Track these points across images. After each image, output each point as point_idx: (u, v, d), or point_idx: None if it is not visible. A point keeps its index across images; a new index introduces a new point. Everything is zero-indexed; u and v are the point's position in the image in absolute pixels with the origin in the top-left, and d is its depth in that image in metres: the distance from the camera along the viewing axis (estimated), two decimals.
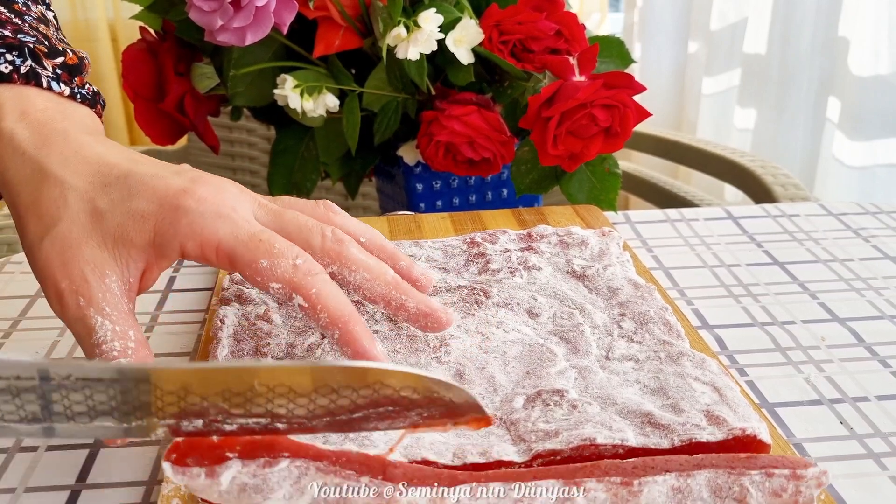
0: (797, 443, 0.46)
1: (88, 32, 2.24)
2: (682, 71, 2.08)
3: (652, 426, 0.41)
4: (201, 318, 0.58)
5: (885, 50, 1.54)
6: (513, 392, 0.45)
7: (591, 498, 0.37)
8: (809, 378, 0.52)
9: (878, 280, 0.64)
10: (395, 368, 0.34)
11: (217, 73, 0.80)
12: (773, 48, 1.74)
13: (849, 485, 0.43)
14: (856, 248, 0.70)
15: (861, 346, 0.55)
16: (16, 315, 0.59)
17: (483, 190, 0.86)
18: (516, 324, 0.51)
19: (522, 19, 0.73)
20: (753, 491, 0.37)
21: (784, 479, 0.38)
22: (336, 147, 0.81)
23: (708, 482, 0.38)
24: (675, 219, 0.76)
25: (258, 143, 1.54)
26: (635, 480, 0.38)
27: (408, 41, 0.72)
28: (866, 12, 1.55)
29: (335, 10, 0.74)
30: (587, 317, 0.52)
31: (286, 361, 0.38)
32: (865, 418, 0.48)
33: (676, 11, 2.05)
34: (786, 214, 0.77)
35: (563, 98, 0.68)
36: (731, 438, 0.40)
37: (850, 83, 1.59)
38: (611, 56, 0.79)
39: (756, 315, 0.60)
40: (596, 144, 0.70)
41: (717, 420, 0.41)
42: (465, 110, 0.74)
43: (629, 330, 0.51)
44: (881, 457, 0.45)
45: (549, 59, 0.72)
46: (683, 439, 0.40)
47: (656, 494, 0.38)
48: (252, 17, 0.68)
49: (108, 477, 0.44)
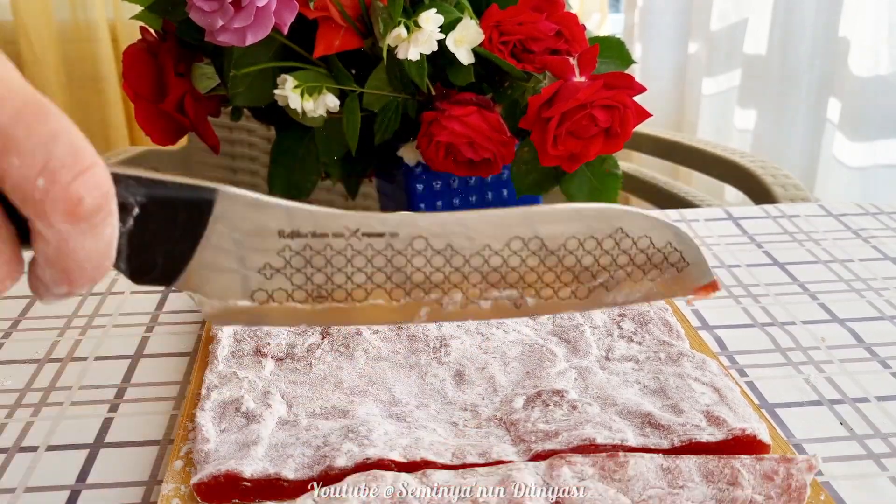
0: (797, 443, 0.46)
1: (88, 32, 2.24)
2: (682, 72, 2.08)
3: (652, 427, 0.41)
4: (201, 318, 0.58)
5: (885, 51, 1.54)
6: (513, 392, 0.45)
7: (577, 471, 0.38)
8: (809, 379, 0.52)
9: (878, 281, 0.64)
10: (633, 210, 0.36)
11: (217, 73, 0.80)
12: (773, 49, 1.74)
13: (849, 485, 0.43)
14: (856, 248, 0.70)
15: (861, 347, 0.55)
16: (16, 315, 0.59)
17: (483, 190, 0.86)
18: (516, 324, 0.51)
19: (523, 20, 0.73)
20: (745, 473, 0.37)
21: (775, 462, 0.38)
22: (336, 147, 0.81)
23: (699, 466, 0.38)
24: (676, 219, 0.76)
25: (258, 143, 1.54)
26: (621, 452, 0.38)
27: (408, 41, 0.72)
28: (866, 13, 1.55)
29: (335, 11, 0.74)
30: (587, 317, 0.52)
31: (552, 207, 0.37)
32: (865, 419, 0.48)
33: (677, 12, 2.05)
34: (786, 215, 0.77)
35: (563, 99, 0.68)
36: (731, 439, 0.40)
37: (851, 84, 1.59)
38: (611, 57, 0.79)
39: (756, 316, 0.59)
40: (596, 145, 0.70)
41: (716, 420, 0.41)
42: (465, 111, 0.74)
43: (629, 330, 0.51)
44: (881, 457, 0.45)
45: (550, 60, 0.72)
46: (683, 440, 0.40)
47: (644, 469, 0.38)
48: (252, 18, 0.68)
49: (108, 477, 0.44)
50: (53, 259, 0.28)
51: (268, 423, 0.42)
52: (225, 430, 0.42)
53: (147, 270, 0.32)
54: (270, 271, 0.34)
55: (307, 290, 0.35)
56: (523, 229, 0.35)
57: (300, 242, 0.34)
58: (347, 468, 0.38)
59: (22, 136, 0.26)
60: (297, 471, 0.39)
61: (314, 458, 0.39)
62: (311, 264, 0.34)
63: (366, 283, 0.35)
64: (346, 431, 0.41)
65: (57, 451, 0.46)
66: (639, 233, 0.36)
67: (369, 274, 0.35)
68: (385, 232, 0.34)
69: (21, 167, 0.26)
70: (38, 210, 0.26)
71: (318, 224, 0.34)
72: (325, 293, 0.35)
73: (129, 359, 0.54)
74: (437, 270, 0.35)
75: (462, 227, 0.35)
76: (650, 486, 0.37)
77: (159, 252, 0.32)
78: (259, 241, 0.33)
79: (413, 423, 0.42)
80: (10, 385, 0.51)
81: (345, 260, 0.34)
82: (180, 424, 0.44)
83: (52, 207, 0.26)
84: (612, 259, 0.36)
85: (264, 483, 0.38)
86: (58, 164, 0.26)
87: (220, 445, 0.41)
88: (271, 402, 0.43)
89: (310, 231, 0.34)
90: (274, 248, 0.34)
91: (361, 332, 0.50)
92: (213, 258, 0.33)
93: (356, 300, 0.35)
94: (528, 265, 0.36)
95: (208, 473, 0.38)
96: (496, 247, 0.36)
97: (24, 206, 0.26)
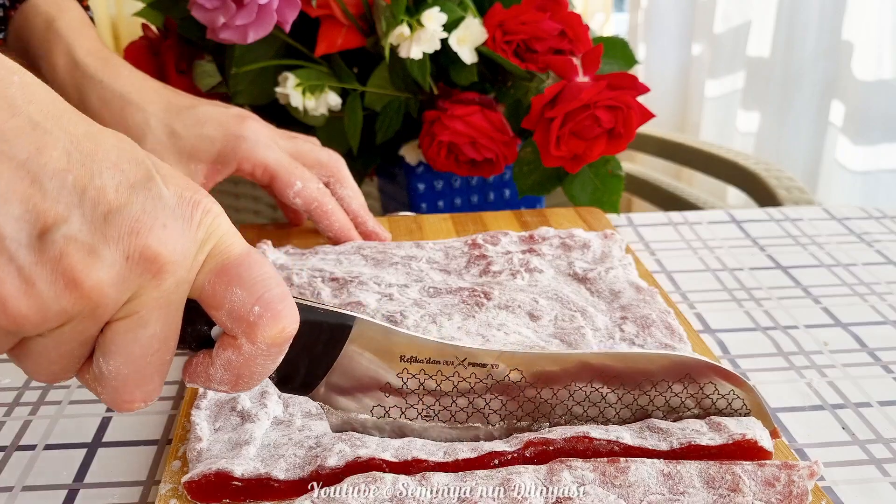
0: (798, 448, 0.46)
1: None
2: (685, 73, 2.07)
3: (650, 430, 0.41)
4: None
5: (888, 54, 1.53)
6: None
7: (578, 476, 0.37)
8: (812, 383, 0.52)
9: (881, 285, 0.64)
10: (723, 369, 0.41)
11: (219, 70, 0.80)
12: (776, 51, 1.74)
13: (850, 490, 0.43)
14: (859, 252, 0.70)
15: (864, 352, 0.55)
16: None
17: (485, 190, 0.86)
18: (517, 326, 0.51)
19: (526, 19, 0.73)
20: (746, 479, 0.37)
21: (776, 468, 0.38)
22: (338, 146, 0.80)
23: (700, 471, 0.38)
24: (678, 222, 0.76)
25: None
26: (622, 458, 0.38)
27: (411, 40, 0.72)
28: (870, 16, 1.55)
29: (338, 9, 0.74)
30: (589, 319, 0.52)
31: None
32: (867, 424, 0.48)
33: (680, 13, 2.04)
34: (789, 218, 0.77)
35: (566, 99, 0.68)
36: (732, 444, 0.40)
37: (854, 87, 1.58)
38: (615, 57, 0.79)
39: (758, 319, 0.59)
40: (599, 146, 0.70)
41: (717, 426, 0.41)
42: (467, 110, 0.74)
43: (631, 333, 0.50)
44: (883, 462, 0.45)
45: (553, 60, 0.71)
46: (682, 443, 0.40)
47: (645, 475, 0.37)
48: (254, 15, 0.68)
49: (106, 476, 0.43)
50: (235, 366, 0.33)
51: (262, 423, 0.42)
52: (219, 428, 0.42)
53: (289, 381, 0.38)
54: (388, 391, 0.40)
55: (417, 409, 0.40)
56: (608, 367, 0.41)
57: (417, 367, 0.39)
58: (338, 467, 0.38)
59: (245, 273, 0.32)
60: (288, 471, 0.39)
61: (305, 459, 0.39)
62: (424, 387, 0.40)
63: (467, 407, 0.41)
64: (339, 433, 0.40)
65: (55, 449, 0.45)
66: (722, 392, 0.42)
67: (471, 399, 0.41)
68: (488, 363, 0.40)
69: (242, 297, 0.32)
70: (249, 331, 0.32)
71: (433, 351, 0.39)
72: (432, 413, 0.40)
73: None
74: (528, 401, 0.41)
75: (552, 364, 0.40)
76: (651, 492, 0.37)
77: (302, 365, 0.38)
78: (385, 362, 0.39)
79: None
80: (8, 383, 0.51)
81: (452, 385, 0.40)
82: (178, 424, 0.44)
83: (261, 329, 0.32)
84: (681, 402, 0.42)
85: (255, 483, 0.38)
86: (270, 297, 0.32)
87: (213, 444, 0.40)
88: (267, 402, 0.43)
89: (426, 357, 0.39)
90: (395, 371, 0.39)
91: None
92: (346, 374, 0.39)
93: (458, 421, 0.41)
94: (606, 400, 0.41)
95: (199, 472, 0.38)
96: (580, 383, 0.41)
97: (235, 327, 0.32)
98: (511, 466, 0.39)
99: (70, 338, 0.31)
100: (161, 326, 0.32)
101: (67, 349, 0.31)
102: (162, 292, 0.31)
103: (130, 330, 0.31)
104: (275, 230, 0.69)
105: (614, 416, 0.41)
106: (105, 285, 0.29)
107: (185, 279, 0.31)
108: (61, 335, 0.30)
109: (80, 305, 0.29)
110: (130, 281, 0.30)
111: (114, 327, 0.31)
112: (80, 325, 0.30)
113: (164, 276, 0.30)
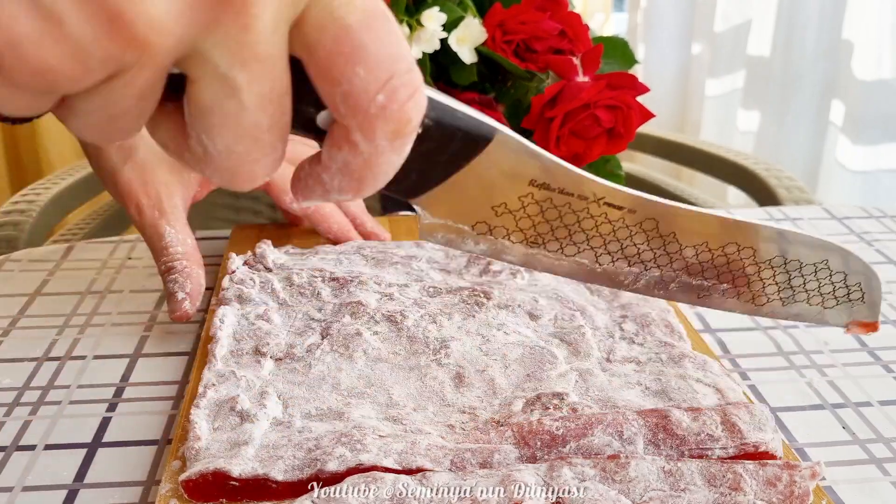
0: (799, 447, 0.46)
1: None
2: (685, 72, 2.07)
3: (666, 433, 0.40)
4: (200, 318, 0.58)
5: (888, 54, 1.53)
6: (512, 395, 0.45)
7: (578, 472, 0.37)
8: (812, 383, 0.52)
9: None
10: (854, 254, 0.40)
11: None
12: (776, 51, 1.74)
13: (851, 490, 0.43)
14: (859, 252, 0.70)
15: (864, 351, 0.55)
16: (15, 313, 0.59)
17: None
18: (517, 326, 0.51)
19: (526, 19, 0.73)
20: (748, 478, 0.37)
21: (778, 468, 0.38)
22: None
23: (701, 469, 0.38)
24: None
25: None
26: (622, 454, 0.38)
27: (410, 40, 0.72)
28: (870, 16, 1.55)
29: None
30: (588, 319, 0.52)
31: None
32: (868, 423, 0.48)
33: (680, 13, 2.04)
34: (789, 218, 0.77)
35: (566, 98, 0.68)
36: (742, 455, 0.40)
37: (854, 87, 1.58)
38: (614, 57, 0.79)
39: (758, 318, 0.59)
40: (599, 145, 0.70)
41: (731, 427, 0.40)
42: None
43: (631, 332, 0.50)
44: (883, 462, 0.45)
45: (553, 60, 0.71)
46: (694, 453, 0.40)
47: (645, 471, 0.37)
48: None
49: (106, 476, 0.43)
50: (355, 169, 0.27)
51: (261, 424, 0.42)
52: (218, 428, 0.42)
53: (397, 181, 0.32)
54: (503, 210, 0.35)
55: (526, 235, 0.36)
56: (745, 238, 0.39)
57: (544, 194, 0.35)
58: (339, 472, 0.38)
59: (371, 45, 0.25)
60: (287, 472, 0.38)
61: (304, 461, 0.39)
62: (544, 215, 0.36)
63: (582, 243, 0.37)
64: (339, 435, 0.40)
65: (55, 450, 0.45)
66: (847, 270, 0.41)
67: (589, 237, 0.37)
68: (624, 206, 0.36)
69: (364, 79, 0.25)
70: (366, 124, 0.26)
71: (569, 182, 0.35)
72: (539, 241, 0.36)
73: (127, 358, 0.54)
74: (649, 250, 0.38)
75: (689, 222, 0.38)
76: (651, 488, 0.37)
77: (417, 168, 0.32)
78: (509, 182, 0.34)
79: (409, 425, 0.42)
80: (8, 383, 0.51)
81: (576, 219, 0.36)
82: (178, 424, 0.44)
83: (382, 124, 0.26)
84: (818, 285, 0.40)
85: (252, 483, 0.38)
86: (398, 83, 0.25)
87: (212, 444, 0.40)
88: (267, 403, 0.43)
89: (559, 187, 0.35)
90: (518, 193, 0.35)
91: (361, 332, 0.49)
92: (462, 185, 0.34)
93: (566, 255, 0.37)
94: (731, 267, 0.39)
95: (196, 471, 0.38)
96: (713, 245, 0.38)
97: (351, 117, 0.25)
98: (511, 465, 0.39)
99: (126, 93, 0.23)
100: (267, 85, 0.24)
101: (123, 107, 0.24)
102: (253, 35, 0.23)
103: (228, 96, 0.24)
104: (275, 230, 0.69)
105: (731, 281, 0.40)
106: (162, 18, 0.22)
107: (283, 16, 0.24)
108: (111, 92, 0.23)
109: (130, 49, 0.22)
110: (199, 13, 0.22)
111: (203, 94, 0.24)
112: (136, 77, 0.23)
113: (251, 7, 0.23)
